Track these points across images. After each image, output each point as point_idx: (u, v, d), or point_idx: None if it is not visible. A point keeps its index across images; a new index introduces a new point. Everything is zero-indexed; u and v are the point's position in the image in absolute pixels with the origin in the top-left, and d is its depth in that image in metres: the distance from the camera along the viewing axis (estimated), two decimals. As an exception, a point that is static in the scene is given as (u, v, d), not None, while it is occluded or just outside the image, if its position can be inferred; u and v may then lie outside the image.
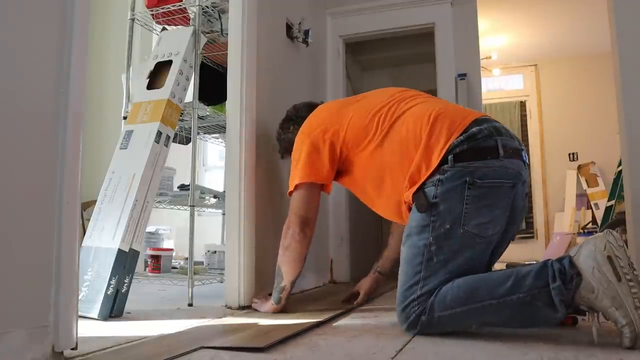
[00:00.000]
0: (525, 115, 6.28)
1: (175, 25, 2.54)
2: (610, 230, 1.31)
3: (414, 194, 1.55)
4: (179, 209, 2.44)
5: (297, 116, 2.08)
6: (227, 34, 2.24)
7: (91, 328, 1.54)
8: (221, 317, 1.78)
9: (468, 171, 1.48)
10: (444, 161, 1.51)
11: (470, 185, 1.47)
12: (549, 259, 1.37)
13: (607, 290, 1.26)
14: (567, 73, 6.10)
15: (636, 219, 1.99)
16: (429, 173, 1.53)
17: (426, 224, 1.50)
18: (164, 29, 2.50)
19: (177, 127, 2.31)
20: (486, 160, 1.49)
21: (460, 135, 1.52)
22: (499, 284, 1.39)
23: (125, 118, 2.34)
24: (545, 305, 1.34)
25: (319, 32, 3.14)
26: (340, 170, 1.84)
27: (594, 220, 5.49)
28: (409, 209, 1.60)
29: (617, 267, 1.26)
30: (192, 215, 2.12)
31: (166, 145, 2.06)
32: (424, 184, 1.53)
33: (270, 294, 1.88)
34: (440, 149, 1.53)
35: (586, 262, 1.29)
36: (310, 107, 2.05)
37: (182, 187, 2.40)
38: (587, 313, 1.34)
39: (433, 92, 3.10)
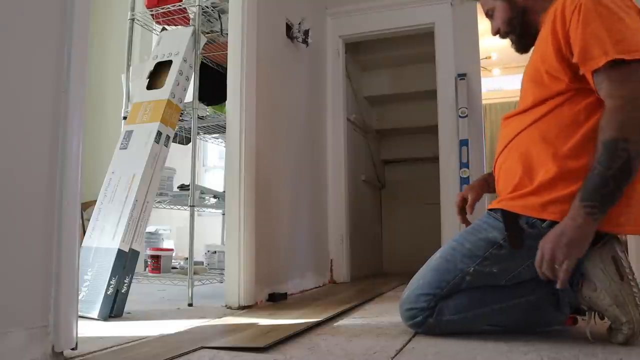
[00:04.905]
0: (526, 116, 6.28)
1: (175, 25, 2.54)
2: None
3: (507, 215, 1.34)
4: (179, 209, 2.44)
5: None
6: (227, 34, 2.24)
7: (91, 328, 1.54)
8: (221, 317, 1.78)
9: None
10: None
11: None
12: None
13: (609, 288, 1.27)
14: (567, 73, 6.09)
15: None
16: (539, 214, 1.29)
17: (479, 254, 1.38)
18: (163, 29, 2.50)
19: (177, 127, 2.31)
20: None
21: None
22: (508, 288, 1.40)
23: (125, 118, 2.34)
24: (551, 307, 1.37)
25: (319, 32, 3.14)
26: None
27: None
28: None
29: (620, 267, 1.27)
30: (192, 215, 2.12)
31: (166, 145, 2.06)
32: (517, 215, 1.32)
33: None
34: None
35: (591, 262, 1.30)
36: None
37: (182, 187, 2.40)
38: (587, 313, 1.35)
39: (433, 93, 3.12)
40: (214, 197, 2.50)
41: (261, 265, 2.13)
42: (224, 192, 2.26)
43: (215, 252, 2.62)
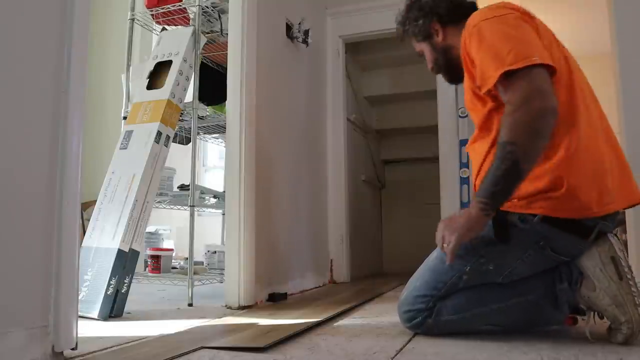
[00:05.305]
0: (525, 115, 6.27)
1: (175, 25, 2.54)
2: (613, 232, 1.33)
3: (497, 212, 1.31)
4: (179, 209, 2.44)
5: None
6: (227, 34, 2.24)
7: (91, 328, 1.55)
8: (221, 317, 1.78)
9: (548, 236, 1.31)
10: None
11: (540, 249, 1.32)
12: None
13: (608, 288, 1.28)
14: (567, 73, 6.08)
15: (636, 219, 1.99)
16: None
17: (474, 253, 1.38)
18: (163, 29, 2.50)
19: (177, 127, 2.31)
20: (569, 235, 1.30)
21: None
22: (507, 287, 1.40)
23: (125, 118, 2.34)
24: (550, 306, 1.37)
25: (319, 32, 3.14)
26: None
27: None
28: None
29: (619, 267, 1.28)
30: (192, 215, 2.12)
31: (166, 145, 2.06)
32: (506, 212, 1.32)
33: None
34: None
35: (590, 261, 1.31)
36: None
37: (182, 187, 2.40)
38: (586, 313, 1.35)
39: (433, 93, 3.12)
40: (214, 197, 2.50)
41: (261, 265, 2.13)
42: (224, 192, 2.26)
43: (215, 252, 2.62)
